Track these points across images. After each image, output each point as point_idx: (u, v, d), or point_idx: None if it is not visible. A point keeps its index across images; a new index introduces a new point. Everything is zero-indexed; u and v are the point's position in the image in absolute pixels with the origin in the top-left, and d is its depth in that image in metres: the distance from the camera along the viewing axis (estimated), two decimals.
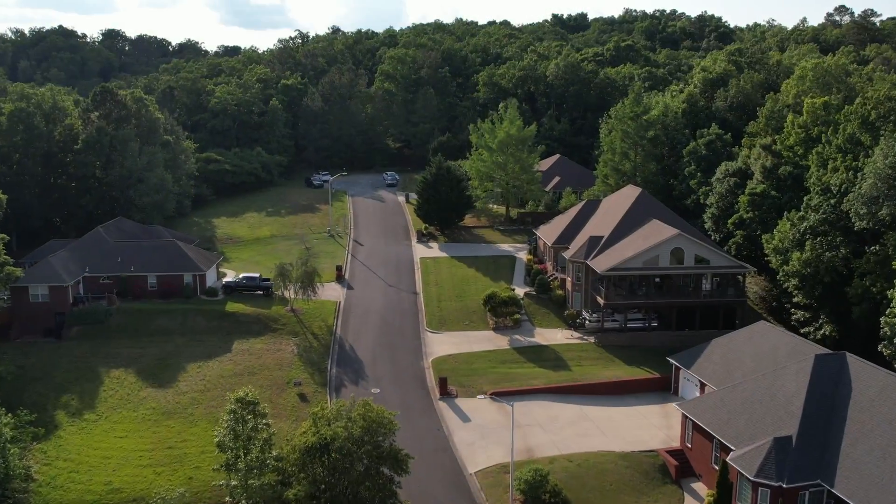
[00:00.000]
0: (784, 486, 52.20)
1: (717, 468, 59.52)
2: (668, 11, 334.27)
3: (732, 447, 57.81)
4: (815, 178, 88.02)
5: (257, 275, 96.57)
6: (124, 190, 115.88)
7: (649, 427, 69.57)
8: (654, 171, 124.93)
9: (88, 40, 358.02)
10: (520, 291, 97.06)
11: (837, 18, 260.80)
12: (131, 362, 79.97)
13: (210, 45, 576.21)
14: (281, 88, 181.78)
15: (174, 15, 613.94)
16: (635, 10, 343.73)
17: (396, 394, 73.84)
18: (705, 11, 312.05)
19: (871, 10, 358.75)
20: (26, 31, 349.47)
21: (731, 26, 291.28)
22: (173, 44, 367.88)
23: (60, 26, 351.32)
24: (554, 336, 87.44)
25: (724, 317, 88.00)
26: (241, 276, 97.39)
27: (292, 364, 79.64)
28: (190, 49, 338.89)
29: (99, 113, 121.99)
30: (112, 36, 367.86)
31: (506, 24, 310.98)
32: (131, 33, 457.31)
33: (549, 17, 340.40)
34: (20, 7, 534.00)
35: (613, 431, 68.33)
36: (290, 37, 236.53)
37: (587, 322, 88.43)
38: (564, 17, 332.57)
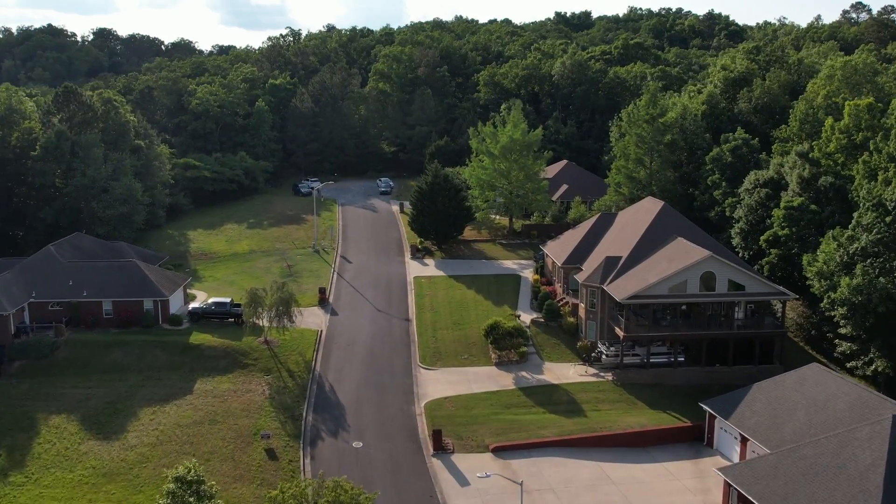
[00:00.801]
0: None
1: None
2: (673, 10, 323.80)
3: None
4: (866, 192, 76.65)
5: (228, 300, 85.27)
6: (87, 201, 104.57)
7: (682, 491, 58.40)
8: (672, 179, 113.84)
9: (79, 39, 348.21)
10: (526, 318, 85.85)
11: (854, 16, 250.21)
12: (76, 406, 68.70)
13: (205, 44, 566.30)
14: (268, 88, 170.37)
15: (175, 16, 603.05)
16: (640, 8, 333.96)
17: (382, 449, 62.55)
18: (712, 10, 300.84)
19: (891, 7, 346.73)
20: (14, 30, 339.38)
21: (741, 25, 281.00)
22: (166, 43, 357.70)
23: (49, 25, 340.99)
24: (566, 373, 76.16)
25: (761, 350, 76.83)
26: (209, 301, 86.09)
27: (262, 409, 68.32)
28: (183, 48, 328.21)
29: (61, 116, 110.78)
30: (104, 35, 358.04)
31: (507, 22, 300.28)
32: (125, 32, 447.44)
33: (551, 16, 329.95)
34: (21, 7, 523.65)
35: (640, 498, 57.13)
36: (282, 34, 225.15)
37: (604, 356, 77.14)
38: (568, 15, 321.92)
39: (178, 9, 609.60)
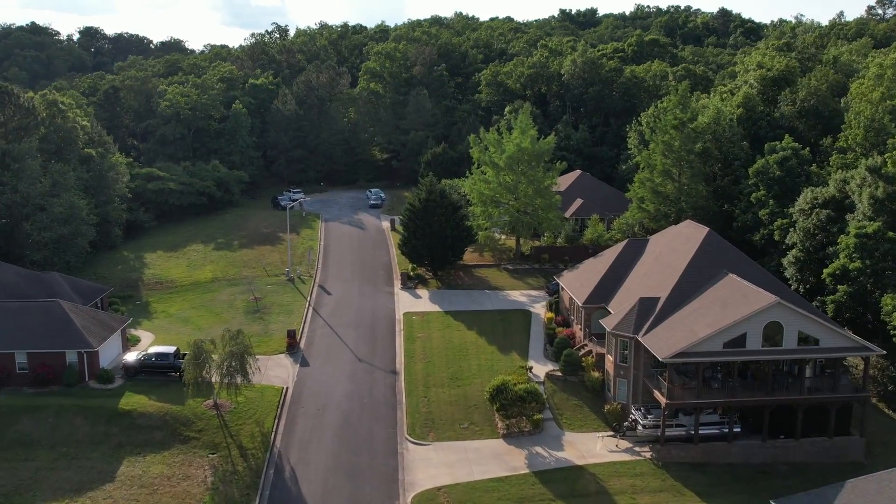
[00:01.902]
0: None
1: None
2: (682, 7, 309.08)
3: None
4: None
5: (172, 350, 69.30)
6: (19, 222, 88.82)
7: None
8: (705, 194, 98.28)
9: (63, 38, 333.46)
10: (539, 370, 70.10)
11: (881, 12, 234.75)
12: None
13: (197, 43, 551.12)
14: (248, 89, 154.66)
15: (176, 17, 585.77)
16: (648, 6, 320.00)
17: None
18: (724, 7, 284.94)
19: None
20: None
21: (758, 22, 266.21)
22: (155, 42, 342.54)
23: (32, 23, 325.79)
24: (591, 447, 60.35)
25: (837, 420, 61.06)
26: (150, 350, 70.12)
27: None
28: (173, 47, 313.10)
29: None
30: (91, 34, 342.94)
31: (510, 20, 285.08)
32: (114, 31, 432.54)
33: (555, 13, 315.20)
34: (22, 8, 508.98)
35: None
36: (267, 31, 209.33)
37: (639, 426, 61.29)
38: (573, 12, 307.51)
39: (179, 10, 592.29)
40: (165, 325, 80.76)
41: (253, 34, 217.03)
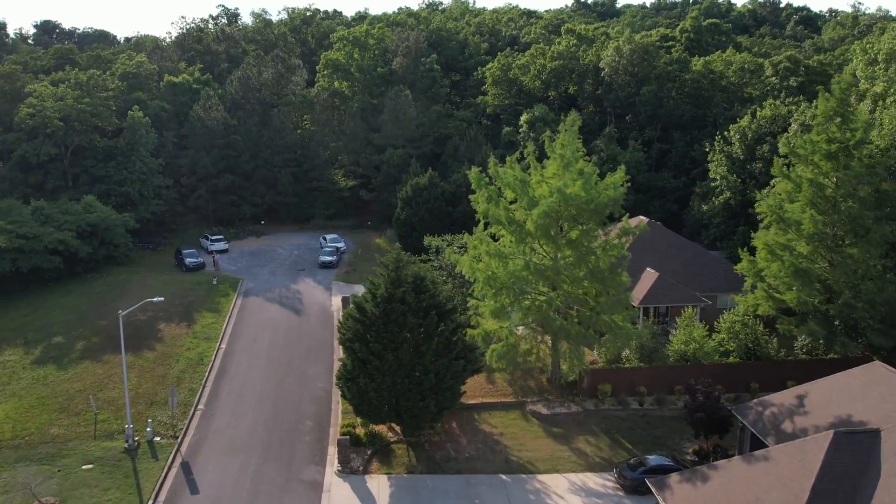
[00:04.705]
0: None
1: None
2: None
3: None
4: None
5: None
6: None
7: None
8: (887, 276, 55.80)
9: (10, 33, 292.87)
10: None
11: None
12: None
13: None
14: (164, 90, 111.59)
15: (175, 15, 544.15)
16: None
17: None
18: None
19: None
20: None
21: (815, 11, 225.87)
22: (120, 38, 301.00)
23: None
24: None
25: None
26: None
27: None
28: (140, 43, 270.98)
29: None
30: (48, 30, 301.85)
31: (516, 9, 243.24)
32: (72, 25, 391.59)
33: (569, 3, 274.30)
34: (24, 8, 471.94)
35: None
36: (211, 15, 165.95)
37: None
38: (589, 1, 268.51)
39: (178, 8, 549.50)
40: None
41: (183, 16, 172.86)
